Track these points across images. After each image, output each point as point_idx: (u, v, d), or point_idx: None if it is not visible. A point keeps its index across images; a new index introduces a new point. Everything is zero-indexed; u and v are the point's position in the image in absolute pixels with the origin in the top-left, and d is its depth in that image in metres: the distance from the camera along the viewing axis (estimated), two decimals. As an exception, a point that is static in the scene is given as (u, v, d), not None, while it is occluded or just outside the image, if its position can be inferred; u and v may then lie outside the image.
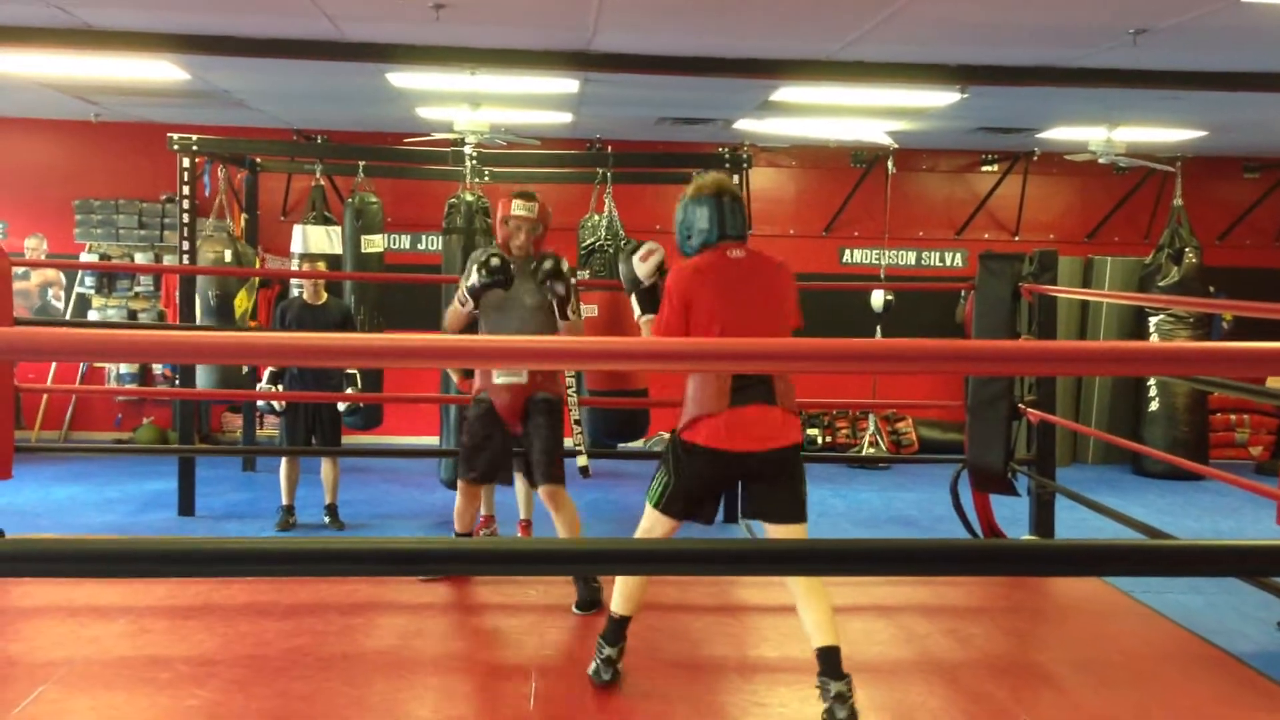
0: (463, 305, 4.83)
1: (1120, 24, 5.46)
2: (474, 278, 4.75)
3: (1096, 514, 5.51)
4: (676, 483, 3.78)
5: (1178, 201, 10.03)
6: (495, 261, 4.75)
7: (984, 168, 10.83)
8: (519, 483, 6.84)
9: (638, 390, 7.93)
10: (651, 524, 3.90)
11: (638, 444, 9.95)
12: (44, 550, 2.38)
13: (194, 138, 7.77)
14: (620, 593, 3.97)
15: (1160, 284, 9.92)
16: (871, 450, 10.13)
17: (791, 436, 3.79)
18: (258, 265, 9.05)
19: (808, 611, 3.71)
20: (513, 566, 3.63)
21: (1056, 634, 4.80)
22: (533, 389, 4.88)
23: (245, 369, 8.38)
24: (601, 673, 3.94)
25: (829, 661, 3.66)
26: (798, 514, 3.79)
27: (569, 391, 6.56)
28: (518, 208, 4.93)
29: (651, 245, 4.13)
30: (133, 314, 10.18)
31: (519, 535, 6.74)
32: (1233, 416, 10.62)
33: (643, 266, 4.08)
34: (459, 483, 5.04)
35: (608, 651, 3.95)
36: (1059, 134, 9.11)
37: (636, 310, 4.09)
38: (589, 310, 7.02)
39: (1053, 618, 5.00)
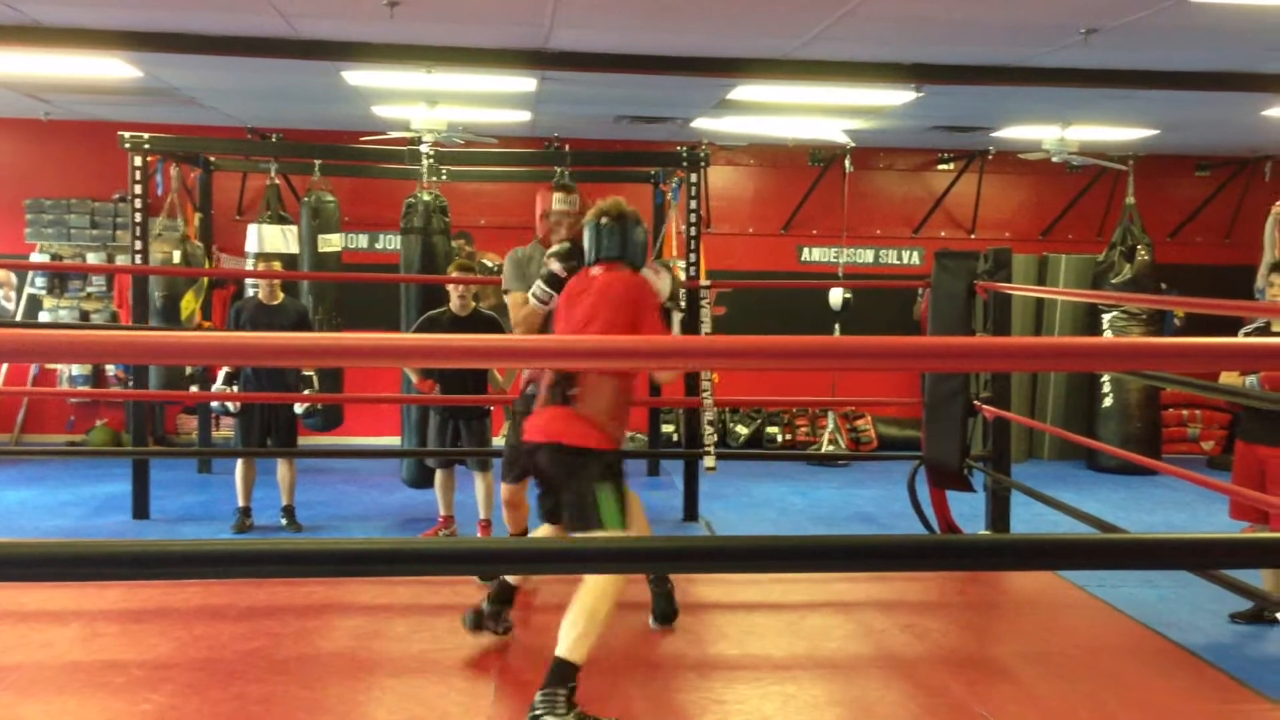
0: (545, 302, 4.36)
1: (1072, 23, 5.52)
2: (555, 266, 4.33)
3: (1052, 509, 5.56)
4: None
5: (1130, 200, 10.15)
6: (570, 247, 4.37)
7: (940, 166, 10.92)
8: (479, 482, 6.83)
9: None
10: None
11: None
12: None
13: (146, 136, 7.67)
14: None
15: (1113, 281, 10.03)
16: (831, 448, 10.19)
17: (562, 434, 3.84)
18: (209, 265, 8.95)
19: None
20: (472, 566, 3.63)
21: (1012, 628, 4.85)
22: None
23: (189, 370, 8.29)
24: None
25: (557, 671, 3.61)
26: (578, 519, 3.82)
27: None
28: (559, 201, 4.73)
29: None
30: (85, 315, 10.05)
31: (479, 535, 6.73)
32: (1185, 412, 10.77)
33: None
34: (503, 486, 4.77)
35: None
36: (1013, 133, 9.20)
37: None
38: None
39: (1008, 612, 5.04)
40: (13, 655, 4.05)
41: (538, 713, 3.52)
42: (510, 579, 4.26)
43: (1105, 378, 10.10)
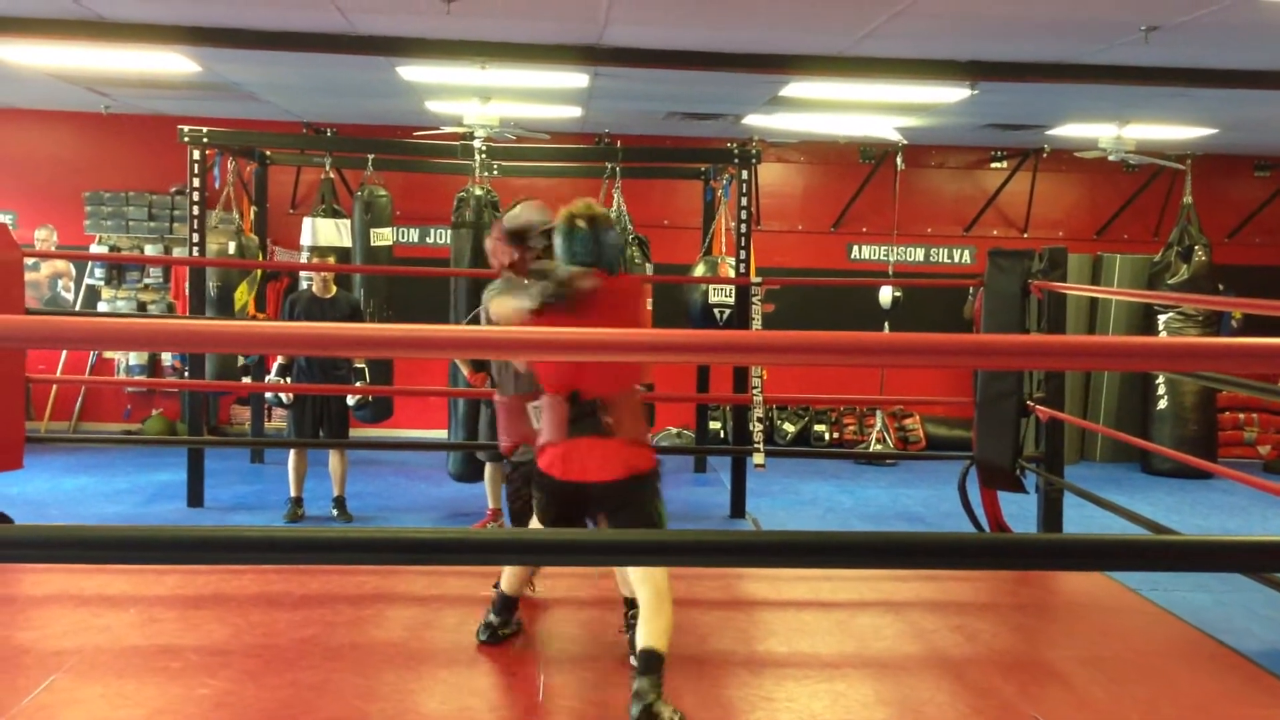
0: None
1: (1132, 20, 5.45)
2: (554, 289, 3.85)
3: (1104, 511, 5.51)
4: (537, 500, 3.91)
5: (1187, 199, 10.01)
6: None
7: (993, 164, 10.82)
8: (488, 472, 6.86)
9: (645, 385, 7.94)
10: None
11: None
12: (55, 537, 2.40)
13: (204, 130, 7.78)
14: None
15: (1169, 282, 9.90)
16: (879, 447, 10.14)
17: (629, 467, 3.76)
18: (264, 258, 9.06)
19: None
20: (521, 557, 3.65)
21: (1064, 630, 4.81)
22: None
23: (242, 360, 8.40)
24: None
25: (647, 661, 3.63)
26: None
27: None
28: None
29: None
30: (142, 305, 10.20)
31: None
32: (1241, 415, 10.60)
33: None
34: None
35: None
36: (1069, 131, 9.09)
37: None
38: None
39: (1060, 614, 5.00)
40: (73, 639, 4.13)
41: (649, 700, 3.52)
42: (508, 590, 4.24)
43: (1160, 379, 9.97)
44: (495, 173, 8.12)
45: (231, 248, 8.46)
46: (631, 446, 3.78)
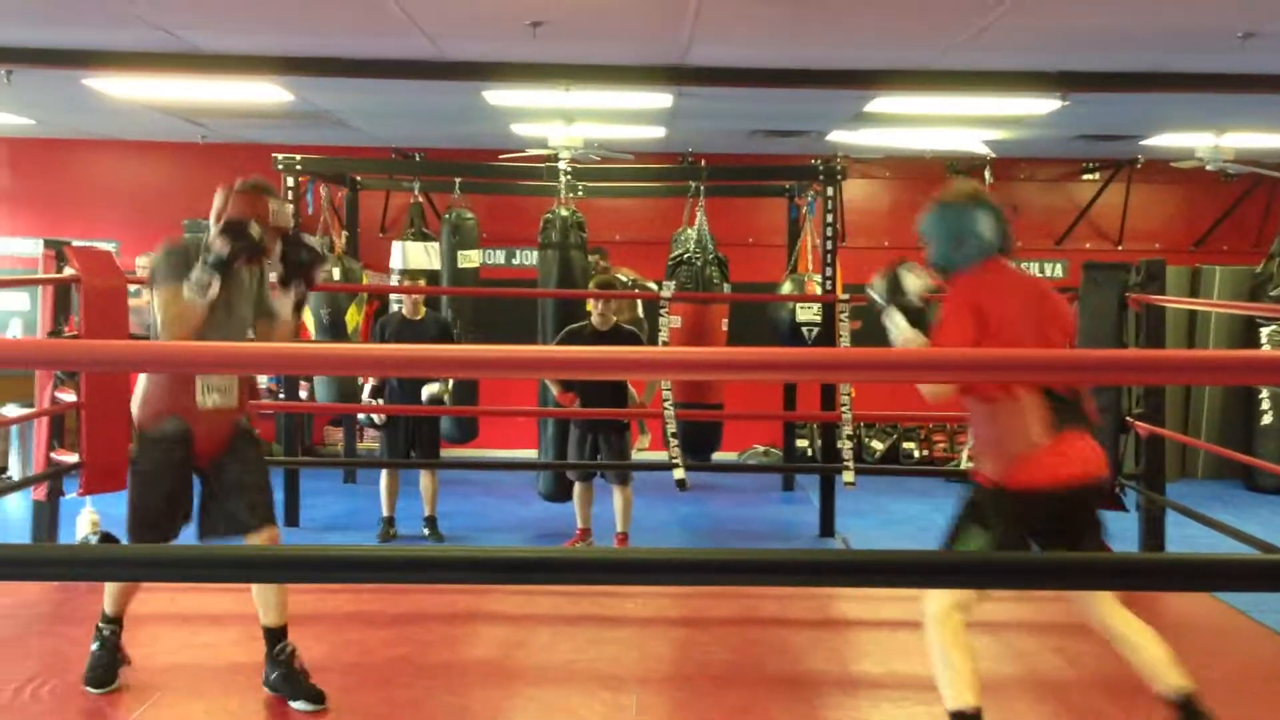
0: (205, 288, 3.67)
1: (1227, 27, 5.32)
2: (218, 244, 3.68)
3: (1209, 530, 5.35)
4: (1003, 539, 3.31)
5: (1289, 208, 9.73)
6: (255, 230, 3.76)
7: (1085, 176, 10.61)
8: (617, 495, 6.86)
9: (713, 404, 7.92)
10: (958, 595, 3.37)
11: (732, 456, 9.94)
12: (160, 557, 2.46)
13: (297, 158, 7.95)
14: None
15: (1272, 293, 9.60)
16: (970, 464, 9.96)
17: (1102, 465, 3.37)
18: (364, 281, 9.22)
19: (1137, 652, 3.38)
20: (611, 576, 3.66)
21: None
22: (241, 411, 3.95)
23: (373, 383, 8.52)
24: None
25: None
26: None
27: (665, 404, 6.59)
28: (284, 216, 3.98)
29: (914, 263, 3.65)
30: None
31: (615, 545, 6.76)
32: (1350, 430, 10.22)
33: (917, 281, 3.59)
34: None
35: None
36: (1164, 140, 8.89)
37: (899, 328, 3.53)
38: (673, 321, 7.01)
39: (1165, 636, 4.82)
40: (178, 656, 4.23)
41: None
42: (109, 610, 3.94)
43: (1264, 393, 9.67)
44: (580, 194, 8.17)
45: (336, 273, 8.60)
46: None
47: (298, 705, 3.82)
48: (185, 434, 3.77)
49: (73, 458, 5.64)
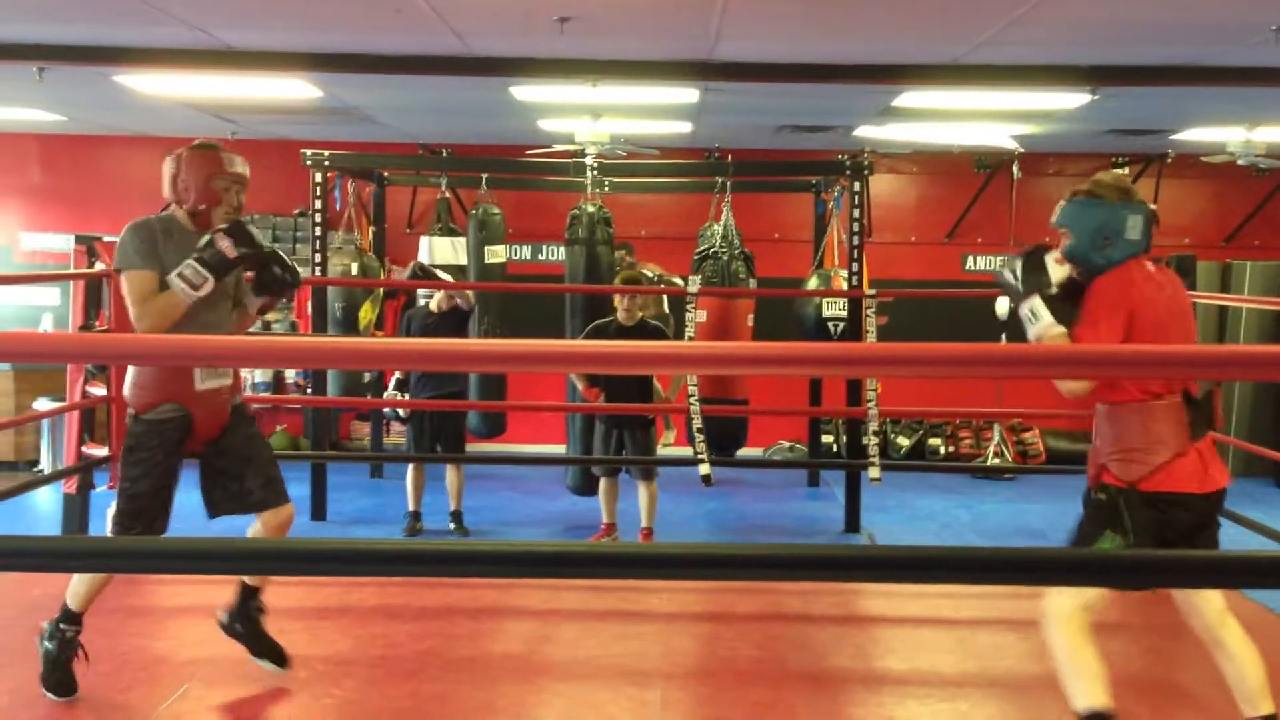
0: (197, 288, 3.60)
1: (1260, 20, 5.26)
2: (225, 245, 3.62)
3: (1239, 527, 5.31)
4: (1138, 543, 3.26)
5: (1322, 203, 9.62)
6: (239, 225, 3.70)
7: (1115, 170, 10.53)
8: (642, 490, 6.87)
9: (738, 399, 7.92)
10: (1086, 595, 3.33)
11: (757, 452, 9.93)
12: (189, 550, 2.48)
13: (326, 154, 7.99)
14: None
15: (1304, 289, 9.51)
16: (996, 461, 9.92)
17: (1227, 471, 3.32)
18: (384, 277, 9.27)
19: (1237, 668, 3.35)
20: (635, 570, 3.67)
21: (1197, 651, 4.60)
22: (235, 392, 3.89)
23: (367, 377, 8.58)
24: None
25: None
26: None
27: (691, 399, 6.58)
28: (239, 164, 3.82)
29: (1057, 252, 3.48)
30: (267, 325, 10.50)
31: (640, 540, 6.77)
32: (1384, 427, 10.12)
33: (1059, 270, 3.43)
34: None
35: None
36: (1195, 135, 8.81)
37: (1043, 319, 3.34)
38: (699, 316, 7.01)
39: (1192, 634, 4.81)
40: (205, 649, 4.26)
41: None
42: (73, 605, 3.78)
43: (1295, 391, 9.58)
44: (606, 189, 8.18)
45: (355, 268, 8.66)
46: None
47: (262, 663, 3.95)
48: (184, 419, 3.71)
49: (103, 451, 5.71)
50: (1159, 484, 3.22)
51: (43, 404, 9.06)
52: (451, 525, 7.42)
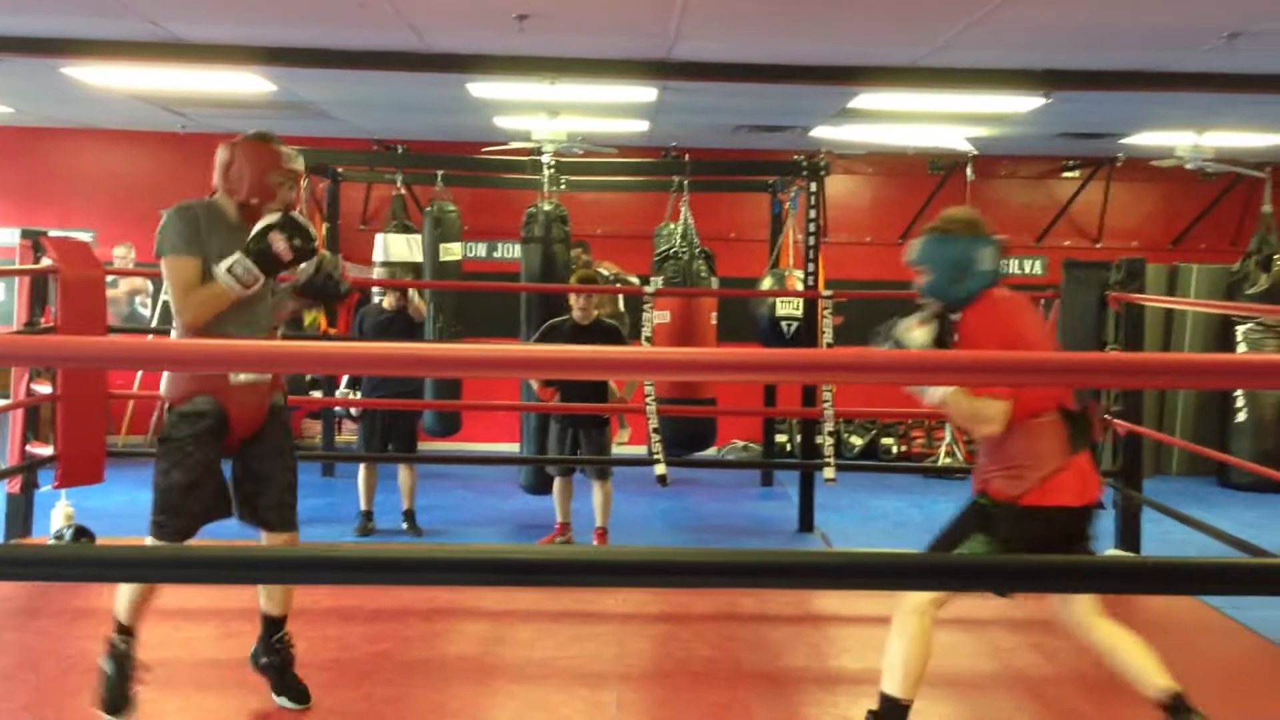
0: (248, 286, 3.50)
1: (1214, 26, 5.34)
2: (280, 245, 3.51)
3: (1184, 527, 5.39)
4: (1007, 552, 3.31)
5: (1267, 208, 9.78)
6: (289, 219, 3.58)
7: (1065, 174, 10.66)
8: (596, 490, 6.85)
9: (705, 400, 7.93)
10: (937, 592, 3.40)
11: (710, 452, 9.94)
12: (137, 557, 2.44)
13: (279, 148, 7.89)
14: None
15: (1248, 292, 9.67)
16: (948, 460, 10.01)
17: (1101, 482, 3.46)
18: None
19: (1122, 661, 3.46)
20: (589, 577, 3.65)
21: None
22: (276, 385, 3.77)
23: (309, 376, 8.46)
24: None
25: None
26: None
27: (648, 399, 6.58)
28: (293, 160, 3.76)
29: (921, 315, 3.64)
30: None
31: (595, 543, 6.76)
32: (1324, 428, 10.31)
33: (925, 333, 3.59)
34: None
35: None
36: (1145, 139, 8.93)
37: (939, 388, 3.42)
38: (661, 317, 7.01)
39: (1141, 632, 4.85)
40: (155, 652, 4.18)
41: None
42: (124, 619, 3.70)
43: (1239, 391, 9.74)
44: (563, 187, 8.15)
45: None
46: None
47: (281, 701, 3.80)
48: (219, 412, 3.57)
49: (48, 450, 5.60)
50: (1039, 498, 3.29)
51: (-14, 401, 8.88)
52: (404, 525, 7.37)
